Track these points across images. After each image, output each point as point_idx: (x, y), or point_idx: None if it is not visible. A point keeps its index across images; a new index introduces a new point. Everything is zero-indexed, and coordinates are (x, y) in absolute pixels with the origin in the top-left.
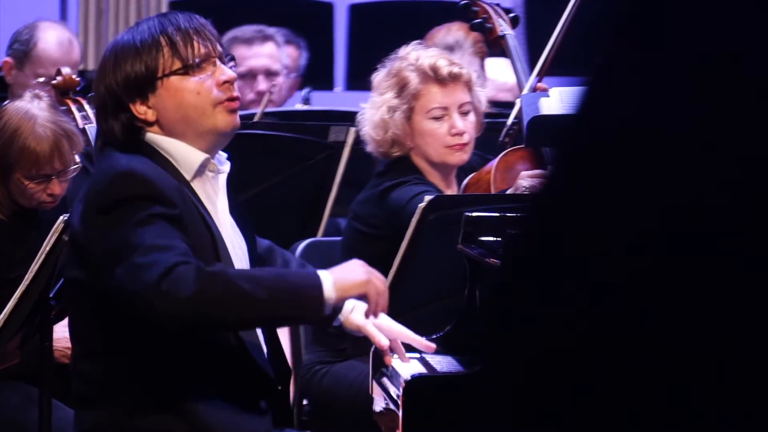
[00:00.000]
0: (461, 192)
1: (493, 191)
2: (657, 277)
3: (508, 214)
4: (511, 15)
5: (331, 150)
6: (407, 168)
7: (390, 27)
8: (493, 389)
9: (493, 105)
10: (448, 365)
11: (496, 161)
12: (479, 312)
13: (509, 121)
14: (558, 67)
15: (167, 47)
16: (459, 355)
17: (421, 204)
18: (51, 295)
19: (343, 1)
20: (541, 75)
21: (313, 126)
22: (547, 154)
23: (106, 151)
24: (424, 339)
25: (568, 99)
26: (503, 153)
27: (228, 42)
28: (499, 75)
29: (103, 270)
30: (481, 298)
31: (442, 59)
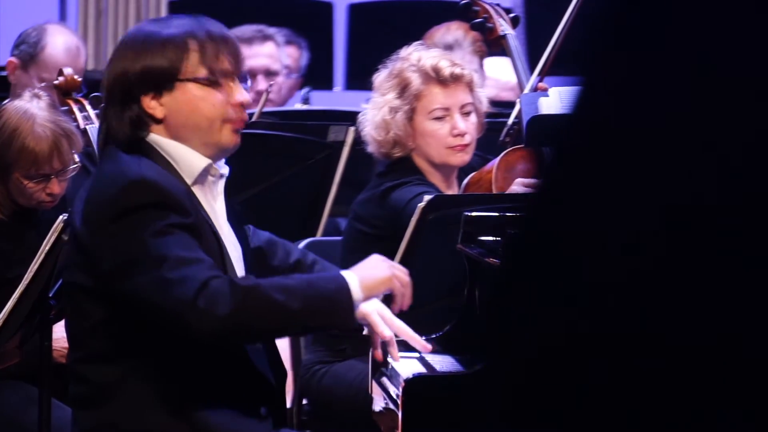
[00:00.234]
0: (461, 191)
1: (494, 191)
2: (657, 277)
3: (508, 214)
4: (511, 15)
5: (331, 150)
6: (408, 169)
7: (389, 27)
8: (493, 389)
9: (496, 105)
10: (447, 365)
11: (497, 161)
12: (479, 312)
13: (510, 120)
14: (559, 66)
15: (196, 52)
16: (459, 355)
17: (421, 204)
18: (50, 294)
19: (342, 1)
20: (542, 75)
21: (312, 126)
22: (548, 154)
23: (110, 150)
24: (423, 339)
25: (568, 98)
26: (504, 152)
27: None
28: (501, 74)
29: (119, 278)
30: (481, 298)
31: (444, 60)
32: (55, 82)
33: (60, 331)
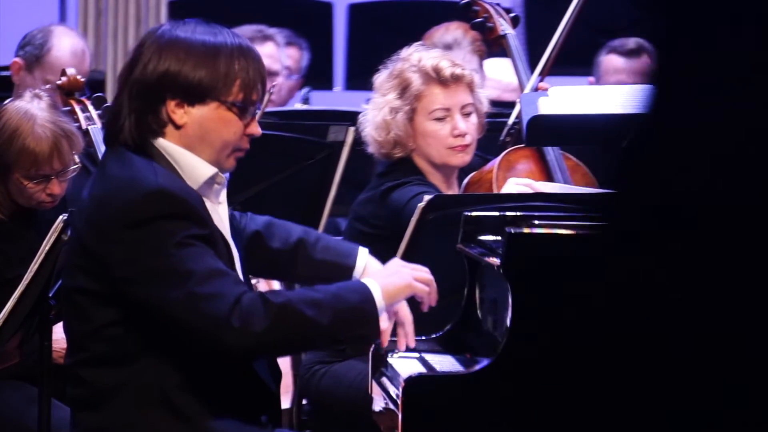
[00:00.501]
0: (462, 191)
1: (495, 191)
2: (657, 276)
3: (507, 213)
4: (511, 15)
5: (331, 150)
6: (409, 169)
7: (389, 26)
8: (493, 389)
9: (496, 105)
10: (447, 365)
11: (497, 161)
12: (479, 312)
13: (510, 120)
14: (560, 66)
15: (240, 78)
16: (459, 355)
17: (421, 204)
18: (50, 294)
19: (342, 1)
20: (542, 75)
21: (312, 126)
22: (548, 154)
23: (118, 150)
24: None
25: (567, 98)
26: (505, 152)
27: None
28: (504, 76)
29: (136, 286)
30: (480, 298)
31: (445, 60)
32: (58, 83)
33: (60, 332)
